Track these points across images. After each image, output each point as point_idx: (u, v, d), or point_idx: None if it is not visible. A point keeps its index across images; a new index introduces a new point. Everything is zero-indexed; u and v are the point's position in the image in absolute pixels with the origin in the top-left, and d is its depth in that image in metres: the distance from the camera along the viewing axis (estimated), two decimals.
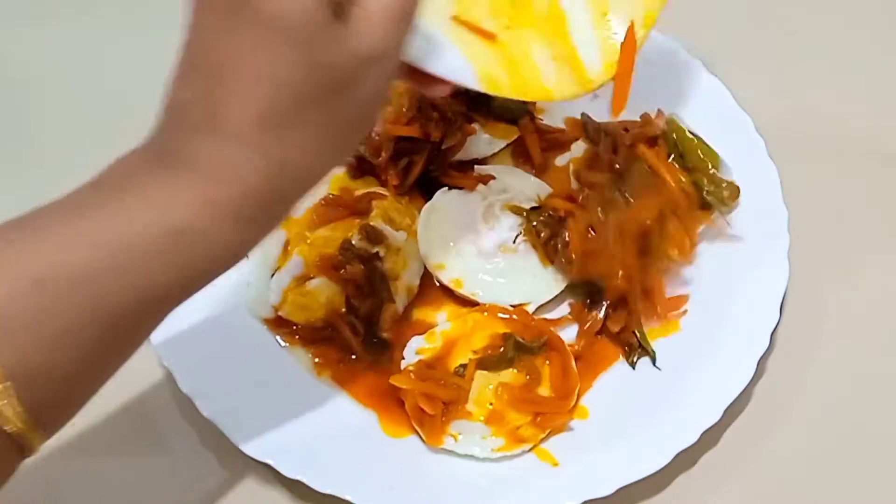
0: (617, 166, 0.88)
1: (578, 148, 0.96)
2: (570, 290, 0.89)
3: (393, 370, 0.84)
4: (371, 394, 0.84)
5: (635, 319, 0.86)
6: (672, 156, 0.90)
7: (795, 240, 0.89)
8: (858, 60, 1.09)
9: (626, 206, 0.87)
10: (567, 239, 0.87)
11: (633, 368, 0.85)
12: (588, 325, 0.87)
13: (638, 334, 0.86)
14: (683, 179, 0.88)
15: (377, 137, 0.91)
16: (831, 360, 0.89)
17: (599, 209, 0.87)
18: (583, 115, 0.96)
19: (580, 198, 0.89)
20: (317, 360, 0.85)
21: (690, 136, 0.91)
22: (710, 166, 0.91)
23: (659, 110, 0.95)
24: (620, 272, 0.85)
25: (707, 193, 0.89)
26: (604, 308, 0.86)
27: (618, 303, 0.86)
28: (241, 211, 0.57)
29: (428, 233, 0.91)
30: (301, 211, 0.90)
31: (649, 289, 0.87)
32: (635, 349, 0.86)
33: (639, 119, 0.94)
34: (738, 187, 0.90)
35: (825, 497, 0.82)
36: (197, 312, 0.84)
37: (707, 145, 0.91)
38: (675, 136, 0.91)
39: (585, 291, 0.88)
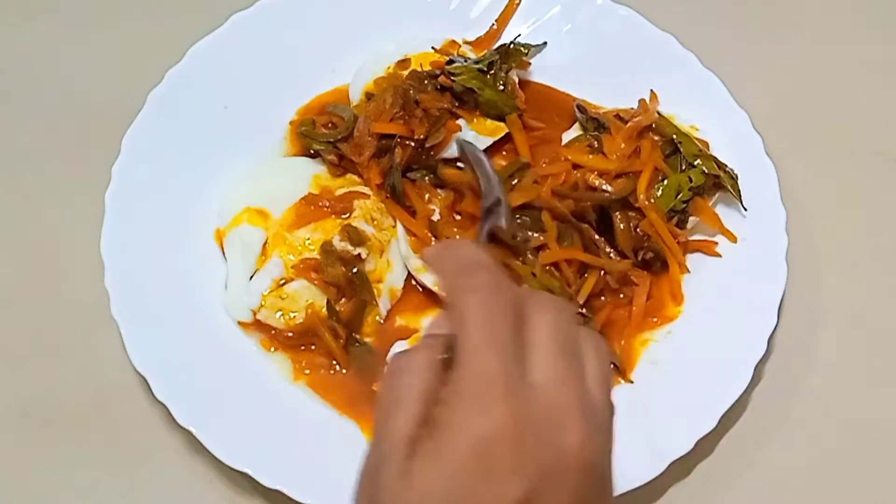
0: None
1: (567, 135, 0.94)
2: None
3: (376, 376, 0.81)
4: (353, 401, 0.82)
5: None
6: (669, 151, 0.88)
7: (794, 241, 0.87)
8: (859, 56, 1.07)
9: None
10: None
11: None
12: None
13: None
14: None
15: (359, 135, 0.89)
16: (831, 365, 0.87)
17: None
18: (577, 104, 0.94)
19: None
20: (297, 365, 0.83)
21: (677, 126, 0.90)
22: (710, 150, 0.89)
23: (652, 92, 0.93)
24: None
25: (717, 178, 0.87)
26: None
27: None
28: None
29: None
30: (281, 211, 0.87)
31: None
32: None
33: (634, 108, 0.92)
34: (736, 174, 0.89)
35: None
36: (172, 316, 0.82)
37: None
38: (667, 128, 0.89)
39: None
